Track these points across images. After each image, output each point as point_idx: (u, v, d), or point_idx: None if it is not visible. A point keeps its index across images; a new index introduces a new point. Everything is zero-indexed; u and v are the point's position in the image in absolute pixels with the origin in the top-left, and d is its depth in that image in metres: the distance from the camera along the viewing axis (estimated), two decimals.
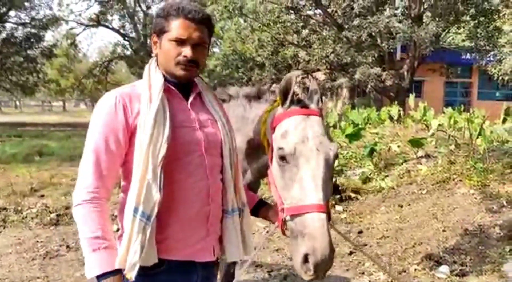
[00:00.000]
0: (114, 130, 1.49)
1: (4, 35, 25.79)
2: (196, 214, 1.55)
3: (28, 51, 26.50)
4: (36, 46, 26.86)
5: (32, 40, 26.23)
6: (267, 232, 5.21)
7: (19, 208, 5.96)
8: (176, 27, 1.54)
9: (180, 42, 1.54)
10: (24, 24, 26.33)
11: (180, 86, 1.62)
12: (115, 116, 1.50)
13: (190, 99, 1.63)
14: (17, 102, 57.92)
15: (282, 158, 1.64)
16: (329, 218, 1.58)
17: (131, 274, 1.41)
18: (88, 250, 1.42)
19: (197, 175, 1.55)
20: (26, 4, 25.83)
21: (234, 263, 2.69)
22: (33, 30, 26.23)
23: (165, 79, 1.58)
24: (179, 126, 1.54)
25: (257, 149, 2.00)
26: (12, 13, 26.14)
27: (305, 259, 1.51)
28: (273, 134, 1.76)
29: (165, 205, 1.47)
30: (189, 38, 1.54)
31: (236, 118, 2.07)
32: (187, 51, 1.53)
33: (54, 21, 27.09)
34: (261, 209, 1.87)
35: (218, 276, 2.79)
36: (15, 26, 26.49)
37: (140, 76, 1.66)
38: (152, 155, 1.44)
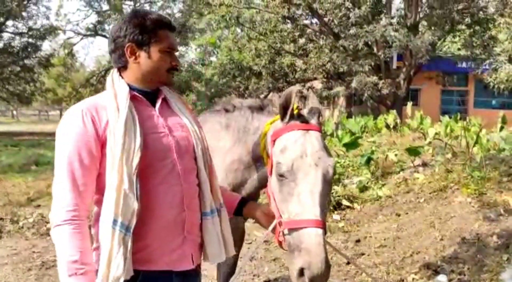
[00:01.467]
0: (86, 143, 1.46)
1: (1, 45, 25.79)
2: (171, 221, 1.52)
3: (25, 61, 26.47)
4: (33, 56, 26.85)
5: (29, 49, 26.22)
6: (265, 241, 5.19)
7: (15, 218, 5.92)
8: (166, 37, 1.60)
9: (170, 52, 1.61)
10: (21, 34, 26.35)
11: (146, 94, 1.62)
12: (85, 130, 1.47)
13: (157, 105, 1.63)
14: (14, 112, 57.81)
15: (281, 173, 1.65)
16: (324, 232, 1.59)
17: None
18: (65, 274, 1.38)
19: (170, 181, 1.52)
20: (24, 14, 25.89)
21: (232, 274, 2.67)
22: (30, 40, 26.26)
23: (130, 88, 1.58)
24: (148, 133, 1.52)
25: (257, 160, 2.01)
26: (9, 23, 26.20)
27: (301, 272, 1.52)
28: (272, 148, 1.76)
29: (139, 214, 1.44)
30: (175, 49, 1.63)
31: (238, 129, 2.09)
32: (176, 59, 1.64)
33: (52, 31, 27.14)
34: (245, 207, 1.85)
35: None
36: (13, 36, 26.52)
37: None
38: (126, 163, 1.42)
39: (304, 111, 1.81)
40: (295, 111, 1.76)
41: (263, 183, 2.05)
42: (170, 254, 1.52)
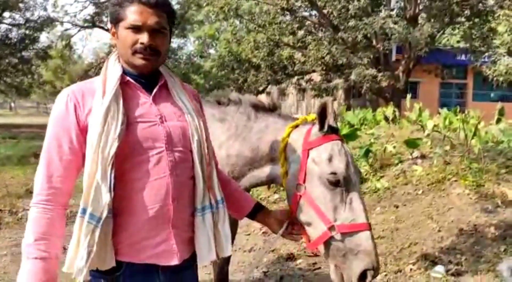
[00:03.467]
0: (67, 130, 1.42)
1: None
2: (155, 215, 1.44)
3: (23, 53, 26.34)
4: (31, 48, 26.71)
5: (26, 41, 26.07)
6: (264, 232, 5.21)
7: (14, 210, 5.94)
8: (131, 13, 1.45)
9: (137, 29, 1.45)
10: (18, 25, 26.18)
11: (144, 78, 1.54)
12: (67, 116, 1.43)
13: (154, 92, 1.54)
14: (12, 104, 57.65)
15: (335, 183, 1.71)
16: None
17: (79, 279, 1.37)
18: (23, 254, 1.39)
19: (155, 173, 1.44)
20: (21, 5, 25.70)
21: (227, 263, 2.69)
22: (27, 32, 26.08)
23: (126, 72, 1.51)
24: (134, 122, 1.45)
25: (261, 158, 2.01)
26: (6, 14, 26.02)
27: (363, 274, 1.63)
28: (306, 155, 1.79)
29: (120, 206, 1.41)
30: (145, 24, 1.45)
31: (236, 125, 2.08)
32: (144, 38, 1.45)
33: (49, 22, 26.96)
34: (259, 213, 1.83)
35: (212, 276, 2.79)
36: (10, 27, 26.35)
37: None
38: (102, 153, 1.36)
39: (330, 121, 1.82)
40: (314, 123, 1.83)
41: (263, 181, 2.06)
42: (154, 248, 1.46)
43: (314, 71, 18.85)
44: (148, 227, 1.44)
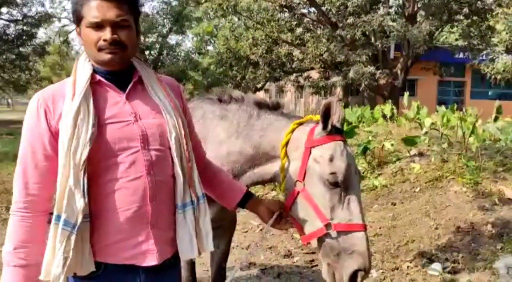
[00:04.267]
0: (39, 136, 1.40)
1: None
2: (132, 215, 1.41)
3: (20, 49, 26.28)
4: (28, 44, 26.64)
5: (24, 37, 25.99)
6: (261, 230, 5.22)
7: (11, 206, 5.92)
8: (89, 10, 1.39)
9: (98, 26, 1.39)
10: (16, 21, 26.09)
11: (116, 75, 1.47)
12: (38, 122, 1.40)
13: (128, 89, 1.48)
14: (9, 100, 57.47)
15: (334, 183, 1.72)
16: None
17: None
18: (4, 264, 1.40)
19: (131, 174, 1.41)
20: (18, 0, 25.61)
21: (225, 260, 2.68)
22: (25, 27, 26.01)
23: (97, 71, 1.46)
24: (106, 123, 1.40)
25: (263, 155, 2.01)
26: (3, 9, 25.92)
27: (354, 274, 1.65)
28: (307, 154, 1.80)
29: (96, 208, 1.39)
30: (104, 19, 1.38)
31: (238, 122, 2.07)
32: (106, 34, 1.38)
33: (47, 18, 26.89)
34: (249, 201, 1.82)
35: (209, 273, 2.79)
36: (7, 23, 26.26)
37: None
38: (73, 158, 1.32)
39: (334, 121, 1.80)
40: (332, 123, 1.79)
41: (265, 179, 2.05)
42: (133, 249, 1.42)
43: (312, 68, 18.86)
44: (126, 228, 1.41)
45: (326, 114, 1.77)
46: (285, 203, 1.85)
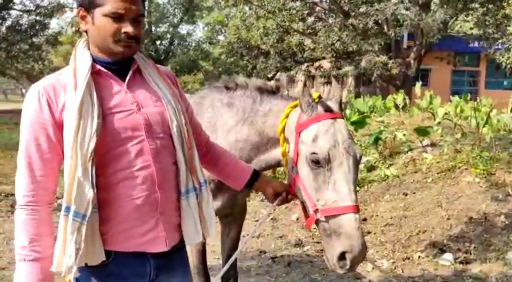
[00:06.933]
0: (43, 127, 1.37)
1: (9, 22, 25.69)
2: (142, 203, 1.43)
3: (33, 39, 26.39)
4: (41, 34, 26.74)
5: (37, 27, 26.10)
6: (272, 219, 5.24)
7: (18, 201, 6.01)
8: (111, 0, 1.38)
9: (117, 17, 1.39)
10: (29, 12, 26.19)
11: (116, 65, 1.47)
12: (41, 113, 1.37)
13: (127, 78, 1.48)
14: (23, 90, 58.11)
15: (316, 162, 1.69)
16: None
17: (70, 277, 1.36)
18: (17, 259, 1.38)
19: (138, 163, 1.42)
20: None
21: (235, 249, 2.69)
22: (38, 18, 26.09)
23: (96, 60, 1.45)
24: (110, 113, 1.40)
25: (267, 141, 2.01)
26: (17, 0, 26.09)
27: (342, 256, 1.62)
28: (297, 138, 1.78)
29: (105, 198, 1.40)
30: (127, 13, 1.38)
31: (244, 109, 2.07)
32: (128, 27, 1.39)
33: (59, 8, 26.95)
34: (257, 181, 1.85)
35: (220, 261, 2.81)
36: (20, 13, 26.39)
37: None
38: (80, 150, 1.32)
39: (327, 100, 1.81)
40: (316, 101, 1.78)
41: (272, 164, 2.06)
42: (142, 236, 1.45)
43: (323, 58, 18.72)
44: (135, 216, 1.43)
45: (303, 95, 1.77)
46: (290, 187, 1.86)
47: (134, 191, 1.42)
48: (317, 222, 1.71)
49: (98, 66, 1.44)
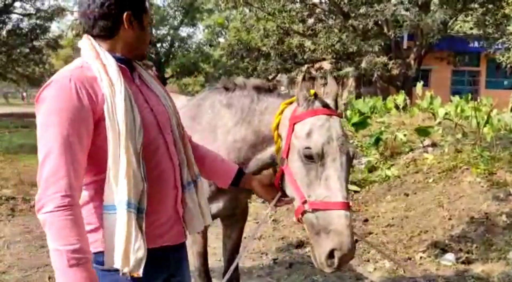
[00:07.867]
0: (84, 121, 1.32)
1: (9, 26, 25.77)
2: (169, 199, 1.52)
3: (34, 42, 26.48)
4: (42, 37, 26.82)
5: (37, 31, 26.17)
6: (273, 220, 5.23)
7: (27, 197, 6.02)
8: (149, 9, 1.54)
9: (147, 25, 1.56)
10: (29, 15, 26.28)
11: (125, 64, 1.50)
12: (80, 104, 1.31)
13: (136, 79, 1.54)
14: (24, 94, 58.18)
15: (309, 157, 1.68)
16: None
17: (139, 271, 1.34)
18: (64, 264, 1.24)
19: (163, 159, 1.50)
20: None
21: (237, 251, 2.70)
22: (38, 21, 26.19)
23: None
24: (141, 110, 1.44)
25: (263, 140, 2.01)
26: (17, 4, 26.14)
27: (331, 254, 1.60)
28: (291, 130, 1.78)
29: (148, 194, 1.41)
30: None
31: (242, 109, 2.07)
32: (151, 35, 1.63)
33: (59, 12, 27.02)
34: (242, 178, 1.87)
35: (222, 263, 2.82)
36: (21, 17, 26.47)
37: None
38: (132, 143, 1.34)
39: (323, 97, 1.82)
40: (311, 97, 1.79)
41: (269, 163, 2.05)
42: (169, 231, 1.53)
43: (324, 59, 18.72)
44: (165, 211, 1.51)
45: (303, 92, 1.78)
46: (275, 181, 1.85)
47: (164, 186, 1.50)
48: (305, 219, 1.69)
49: (120, 64, 1.46)
